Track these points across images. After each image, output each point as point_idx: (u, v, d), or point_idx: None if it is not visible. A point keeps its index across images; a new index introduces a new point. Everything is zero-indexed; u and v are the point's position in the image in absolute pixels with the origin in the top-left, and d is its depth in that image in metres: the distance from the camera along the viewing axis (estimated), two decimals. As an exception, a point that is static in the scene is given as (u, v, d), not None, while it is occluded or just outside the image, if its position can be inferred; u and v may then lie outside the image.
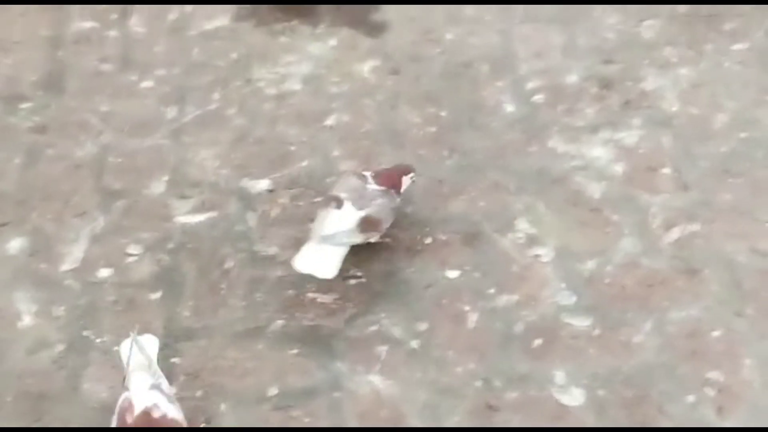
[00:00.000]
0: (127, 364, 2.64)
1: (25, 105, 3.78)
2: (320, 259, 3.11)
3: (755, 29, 4.00)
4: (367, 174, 3.23)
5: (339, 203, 3.13)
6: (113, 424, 2.56)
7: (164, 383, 2.62)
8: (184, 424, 2.56)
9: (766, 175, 3.46)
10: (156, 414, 2.48)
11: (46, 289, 3.18)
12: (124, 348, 2.69)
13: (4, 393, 2.90)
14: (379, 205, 3.16)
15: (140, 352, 2.65)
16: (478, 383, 2.93)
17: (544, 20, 4.07)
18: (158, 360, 2.76)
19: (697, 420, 2.83)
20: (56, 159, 3.59)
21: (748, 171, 3.50)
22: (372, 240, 3.21)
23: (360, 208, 3.12)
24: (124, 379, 2.61)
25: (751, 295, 3.13)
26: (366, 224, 3.13)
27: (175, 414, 2.54)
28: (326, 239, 3.10)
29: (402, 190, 3.24)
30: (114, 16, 4.09)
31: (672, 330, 3.05)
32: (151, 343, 2.74)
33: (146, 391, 2.54)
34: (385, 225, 3.21)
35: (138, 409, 2.48)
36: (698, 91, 3.77)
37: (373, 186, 3.19)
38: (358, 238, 3.16)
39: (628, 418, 2.86)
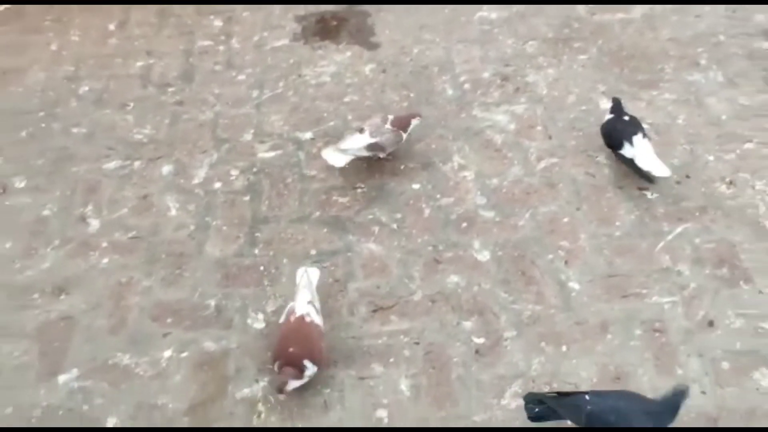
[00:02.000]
0: (299, 283, 2.65)
1: (170, 89, 3.81)
2: (336, 157, 3.18)
3: (591, 47, 3.96)
4: (389, 117, 3.25)
5: (361, 131, 3.18)
6: (281, 321, 2.61)
7: (316, 301, 2.61)
8: (322, 328, 2.56)
9: (596, 131, 3.41)
10: (307, 319, 2.52)
11: (184, 194, 3.25)
12: (299, 273, 2.70)
13: (159, 252, 3.02)
14: (387, 138, 3.18)
15: (307, 278, 2.66)
16: (430, 248, 3.01)
17: (470, 42, 4.03)
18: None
19: (553, 268, 2.91)
20: (189, 120, 3.62)
21: (585, 128, 3.51)
22: (378, 156, 3.25)
23: (372, 137, 3.16)
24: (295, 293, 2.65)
25: (586, 198, 3.19)
26: (373, 147, 3.17)
27: (318, 321, 2.56)
28: (343, 150, 3.17)
29: (409, 129, 3.24)
30: (222, 38, 4.06)
31: (540, 218, 3.11)
32: (315, 273, 2.72)
33: (305, 304, 2.56)
34: (387, 150, 3.23)
35: (298, 314, 2.53)
36: (558, 82, 3.76)
37: (388, 126, 3.20)
38: (365, 154, 3.20)
39: (515, 265, 2.93)
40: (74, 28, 4.11)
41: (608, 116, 3.29)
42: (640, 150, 3.11)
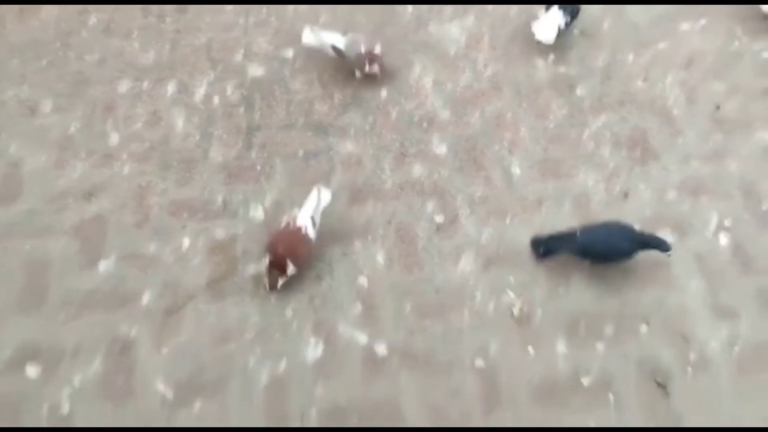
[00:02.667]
0: (310, 198, 2.61)
1: (168, 19, 3.67)
2: (307, 36, 3.20)
3: None
4: (365, 47, 3.18)
5: (343, 35, 3.20)
6: (282, 224, 2.57)
7: (317, 218, 2.58)
8: (312, 241, 2.54)
9: (532, 48, 3.38)
10: (303, 231, 2.52)
11: (188, 109, 3.22)
12: (313, 191, 2.63)
13: (171, 159, 3.03)
14: (352, 55, 3.16)
15: (318, 197, 2.61)
16: (397, 144, 3.05)
17: None
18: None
19: (499, 156, 2.98)
20: (186, 46, 3.52)
21: (525, 38, 3.43)
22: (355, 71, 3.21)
23: (343, 44, 3.17)
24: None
25: (525, 97, 3.24)
26: (335, 50, 3.16)
27: (312, 234, 2.54)
28: (316, 34, 3.19)
29: (372, 67, 3.18)
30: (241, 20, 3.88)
31: (488, 116, 3.15)
32: (327, 195, 2.64)
33: (306, 218, 2.55)
34: (349, 60, 3.17)
35: (297, 224, 2.54)
36: None
37: (360, 51, 3.16)
38: (329, 51, 3.18)
39: (468, 155, 2.99)
40: (77, -35, 3.90)
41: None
42: (547, 17, 3.18)
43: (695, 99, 3.14)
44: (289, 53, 3.43)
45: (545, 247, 2.52)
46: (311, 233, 2.56)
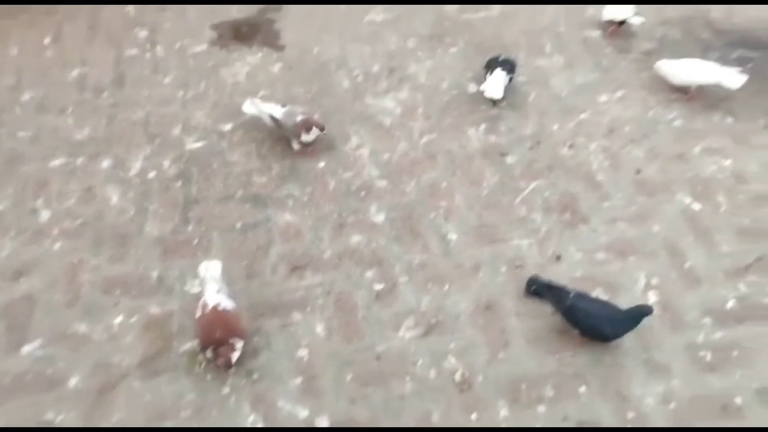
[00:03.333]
0: (203, 277, 2.53)
1: (104, 93, 3.71)
2: (248, 107, 3.32)
3: (460, 41, 4.08)
4: (304, 116, 3.24)
5: (283, 106, 3.29)
6: (197, 315, 2.46)
7: (224, 287, 2.51)
8: (234, 309, 2.46)
9: (468, 109, 3.57)
10: (220, 308, 2.43)
11: (123, 184, 3.20)
12: (202, 268, 2.56)
13: (105, 235, 2.95)
14: (288, 125, 3.23)
15: (209, 272, 2.54)
16: (335, 214, 3.08)
17: (361, 41, 4.06)
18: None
19: (436, 224, 3.02)
20: (123, 120, 3.53)
21: (457, 108, 3.63)
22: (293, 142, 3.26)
23: (281, 114, 3.26)
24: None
25: (459, 166, 3.32)
26: (273, 120, 3.24)
27: (231, 306, 2.46)
28: (257, 105, 3.32)
29: (309, 134, 3.23)
30: (148, 46, 3.93)
31: (423, 184, 3.21)
32: (215, 266, 2.57)
33: (214, 295, 2.46)
34: (286, 132, 3.24)
35: (210, 306, 2.43)
36: (434, 72, 3.85)
37: (298, 119, 3.22)
38: (267, 121, 3.27)
39: (405, 223, 3.03)
40: (12, 43, 3.91)
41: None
42: (493, 78, 3.44)
43: (618, 164, 3.29)
44: (228, 126, 3.47)
45: (537, 289, 2.57)
46: (229, 305, 2.47)
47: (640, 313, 2.46)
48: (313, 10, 4.24)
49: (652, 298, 2.73)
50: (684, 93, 3.61)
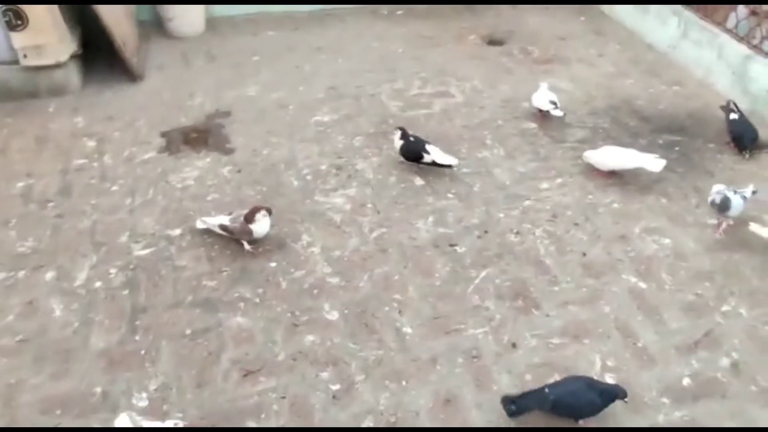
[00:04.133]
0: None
1: (50, 204, 3.59)
2: (200, 223, 3.32)
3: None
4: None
5: (229, 214, 3.29)
6: None
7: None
8: None
9: (414, 203, 3.62)
10: None
11: (67, 296, 3.08)
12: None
13: (47, 350, 2.79)
14: (234, 226, 3.22)
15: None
16: (288, 315, 3.00)
17: (309, 141, 4.15)
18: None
19: (390, 318, 2.97)
20: (69, 230, 3.47)
21: (405, 201, 3.68)
22: (241, 241, 3.27)
23: (227, 221, 3.26)
24: None
25: (410, 258, 3.31)
26: (223, 228, 3.26)
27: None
28: (205, 222, 3.31)
29: (255, 221, 3.20)
30: (96, 155, 3.92)
31: (376, 278, 3.19)
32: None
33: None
34: (237, 235, 3.25)
35: None
36: (381, 167, 3.86)
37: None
38: (218, 231, 3.29)
39: (359, 319, 2.96)
40: (-45, 158, 3.83)
41: (399, 143, 3.73)
42: (434, 153, 3.66)
43: (563, 248, 3.36)
44: (177, 231, 3.43)
45: (517, 406, 2.47)
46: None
47: (616, 391, 2.47)
48: (261, 114, 4.33)
49: (609, 380, 2.71)
50: (618, 177, 3.75)
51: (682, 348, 2.84)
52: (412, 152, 3.72)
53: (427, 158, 3.69)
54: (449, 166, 3.72)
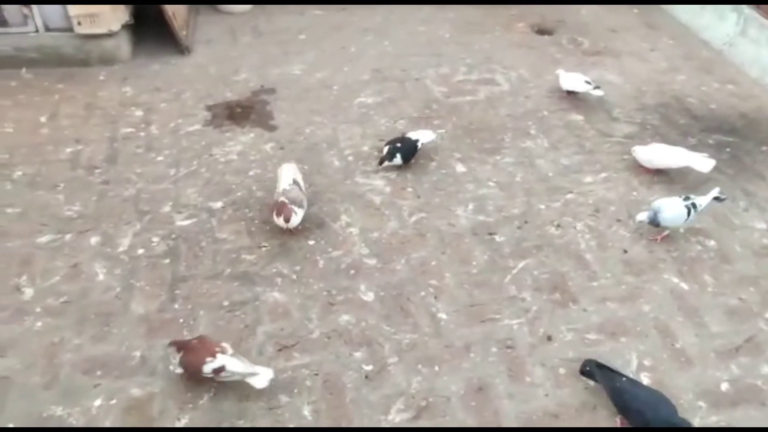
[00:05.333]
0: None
1: (97, 170, 3.68)
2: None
3: (448, 123, 4.09)
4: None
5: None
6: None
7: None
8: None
9: (455, 189, 3.58)
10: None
11: (110, 261, 3.13)
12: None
13: (88, 313, 2.86)
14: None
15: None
16: (324, 293, 3.01)
17: (351, 122, 4.12)
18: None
19: (426, 303, 2.96)
20: (114, 197, 3.50)
21: (446, 188, 3.64)
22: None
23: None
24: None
25: (448, 244, 3.30)
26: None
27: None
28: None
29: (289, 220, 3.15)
30: (143, 125, 3.96)
31: (413, 262, 3.18)
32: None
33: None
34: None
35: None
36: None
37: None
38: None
39: (395, 302, 2.97)
40: (8, 121, 3.93)
41: (396, 159, 3.60)
42: (419, 136, 3.65)
43: (605, 244, 3.29)
44: (218, 204, 3.45)
45: (590, 371, 2.53)
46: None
47: (676, 421, 2.38)
48: (305, 92, 4.33)
49: (645, 380, 2.66)
50: (665, 175, 3.66)
51: (722, 352, 2.77)
52: (410, 150, 3.65)
53: (419, 145, 3.66)
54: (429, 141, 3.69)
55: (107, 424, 2.42)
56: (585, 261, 3.17)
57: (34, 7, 4.23)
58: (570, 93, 4.20)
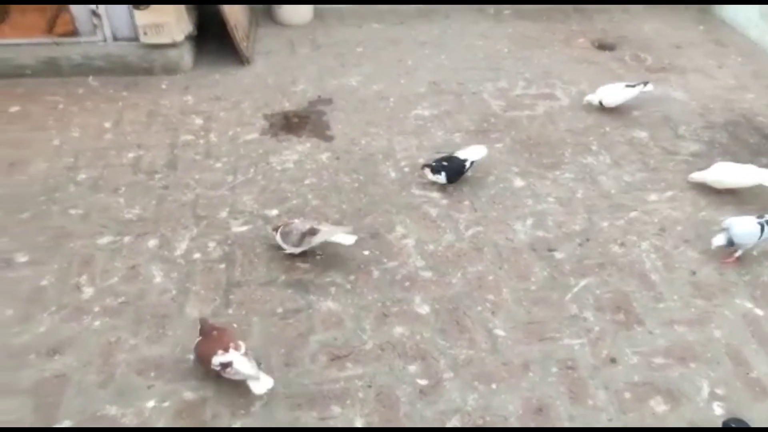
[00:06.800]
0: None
1: (157, 176, 3.73)
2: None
3: (506, 137, 4.07)
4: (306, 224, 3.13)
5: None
6: None
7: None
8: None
9: (512, 203, 3.51)
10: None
11: (167, 264, 3.14)
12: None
13: (145, 314, 2.87)
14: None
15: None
16: (379, 304, 2.95)
17: (408, 134, 4.08)
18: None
19: (482, 318, 2.88)
20: (172, 201, 3.54)
21: (503, 201, 3.58)
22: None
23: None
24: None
25: (506, 259, 3.21)
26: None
27: None
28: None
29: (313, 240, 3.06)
30: (202, 133, 4.04)
31: (469, 276, 3.10)
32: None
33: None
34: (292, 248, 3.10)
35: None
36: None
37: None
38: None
39: (450, 316, 2.90)
40: (75, 126, 4.03)
41: (440, 176, 3.50)
42: (468, 154, 3.51)
43: (671, 265, 3.15)
44: (274, 211, 3.45)
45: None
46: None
47: None
48: (362, 104, 4.32)
49: (717, 410, 2.50)
50: (733, 196, 3.48)
51: (802, 384, 2.57)
52: (456, 169, 3.54)
53: (467, 163, 3.54)
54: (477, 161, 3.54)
55: (160, 426, 2.40)
56: (650, 281, 3.03)
57: (104, 16, 4.35)
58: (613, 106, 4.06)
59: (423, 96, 4.46)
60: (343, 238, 2.98)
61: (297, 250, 3.06)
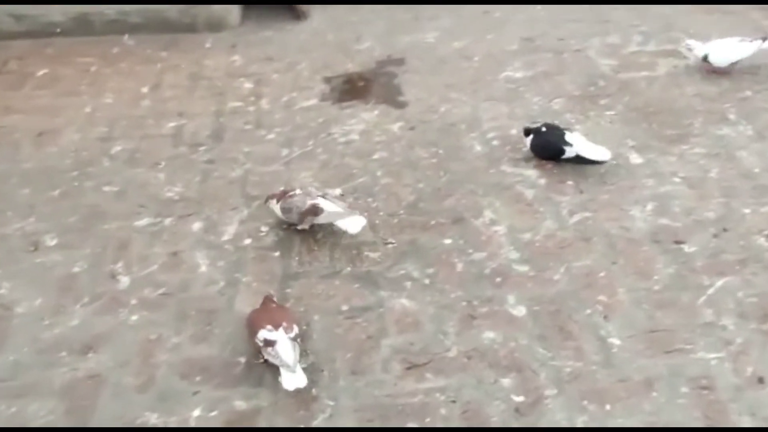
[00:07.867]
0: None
1: (201, 148, 3.80)
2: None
3: (618, 104, 3.98)
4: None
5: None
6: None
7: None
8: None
9: (628, 185, 3.41)
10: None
11: (214, 250, 3.16)
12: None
13: (189, 308, 2.91)
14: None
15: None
16: (464, 303, 2.89)
17: (496, 100, 4.02)
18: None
19: (592, 323, 2.79)
20: (219, 178, 3.59)
21: (617, 182, 3.48)
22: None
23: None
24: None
25: (621, 252, 3.10)
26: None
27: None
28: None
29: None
30: (252, 99, 4.07)
31: (575, 272, 3.00)
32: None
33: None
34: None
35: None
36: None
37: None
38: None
39: (552, 320, 2.81)
40: (108, 91, 4.13)
41: (530, 139, 3.48)
42: (579, 144, 3.37)
43: (836, 262, 2.93)
44: (337, 190, 3.43)
45: None
46: None
47: None
48: (440, 64, 4.27)
49: None
50: None
51: None
52: (548, 147, 3.44)
53: (569, 152, 3.40)
54: (599, 162, 3.43)
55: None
56: (808, 284, 2.84)
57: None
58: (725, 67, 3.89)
59: (514, 54, 4.39)
60: (349, 224, 2.99)
61: (302, 227, 3.10)
